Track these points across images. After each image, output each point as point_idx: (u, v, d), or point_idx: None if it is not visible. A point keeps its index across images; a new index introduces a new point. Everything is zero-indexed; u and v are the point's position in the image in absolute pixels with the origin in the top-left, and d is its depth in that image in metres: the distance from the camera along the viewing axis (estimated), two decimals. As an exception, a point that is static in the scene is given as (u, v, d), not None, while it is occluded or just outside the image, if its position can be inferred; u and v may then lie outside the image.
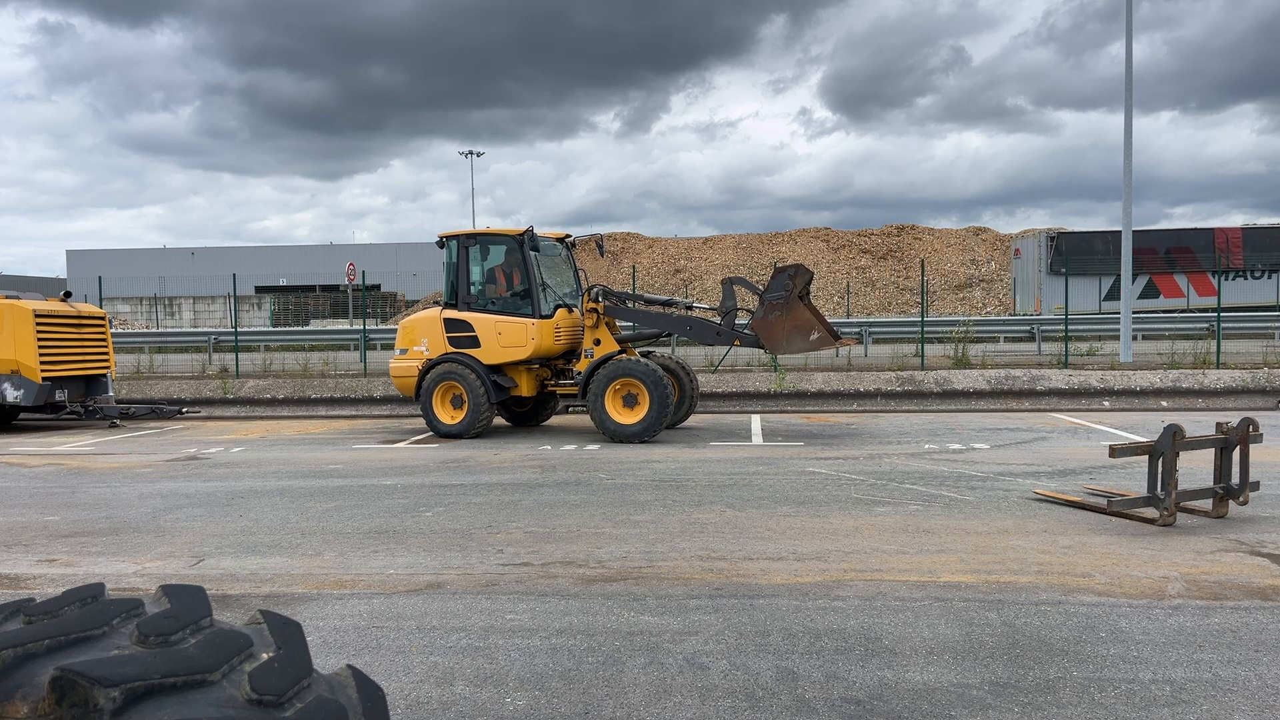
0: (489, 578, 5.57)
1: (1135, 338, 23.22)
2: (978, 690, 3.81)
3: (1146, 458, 6.65)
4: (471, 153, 73.95)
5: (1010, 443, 11.06)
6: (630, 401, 11.53)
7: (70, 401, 14.29)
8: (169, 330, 39.63)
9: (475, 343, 12.07)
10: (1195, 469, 8.06)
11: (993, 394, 15.26)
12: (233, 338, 23.96)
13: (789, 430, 12.61)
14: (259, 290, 54.19)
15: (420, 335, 12.48)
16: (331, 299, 49.46)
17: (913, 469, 9.25)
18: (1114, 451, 6.77)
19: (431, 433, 12.27)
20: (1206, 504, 6.89)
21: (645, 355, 12.45)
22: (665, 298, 12.86)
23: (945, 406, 15.10)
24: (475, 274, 12.47)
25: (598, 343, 12.05)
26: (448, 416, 12.18)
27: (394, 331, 31.08)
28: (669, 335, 13.16)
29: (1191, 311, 31.53)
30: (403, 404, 16.02)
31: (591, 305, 12.07)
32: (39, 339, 13.55)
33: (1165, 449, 6.47)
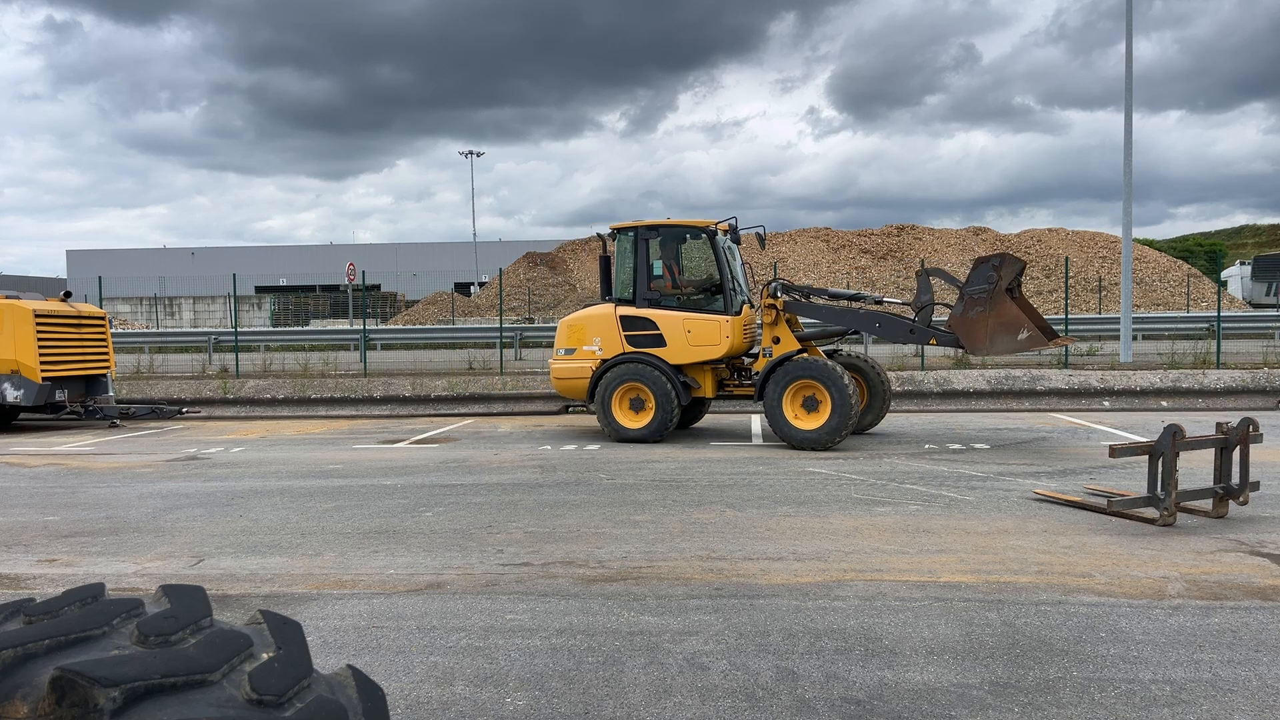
0: (489, 578, 5.57)
1: (1135, 338, 23.22)
2: (978, 690, 3.81)
3: (1146, 458, 6.65)
4: (471, 153, 74.23)
5: (1010, 443, 11.06)
6: (810, 405, 10.71)
7: (70, 401, 14.29)
8: (169, 330, 39.64)
9: (659, 341, 11.43)
10: (1195, 469, 8.06)
11: (993, 394, 15.25)
12: (233, 338, 23.97)
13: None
14: (259, 290, 54.22)
15: (591, 334, 11.77)
16: (331, 299, 49.46)
17: (913, 469, 9.25)
18: (1114, 451, 6.77)
19: (614, 438, 11.55)
20: (1206, 504, 6.89)
21: (830, 355, 11.68)
22: (852, 292, 12.09)
23: (945, 406, 15.10)
24: (656, 268, 11.73)
25: (776, 341, 11.31)
26: (629, 420, 11.53)
27: (394, 331, 31.32)
28: (855, 333, 12.18)
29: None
30: (402, 404, 16.02)
31: (770, 301, 11.36)
32: (39, 339, 13.54)
33: (1165, 449, 6.47)
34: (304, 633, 1.36)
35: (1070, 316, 19.20)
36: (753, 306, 12.21)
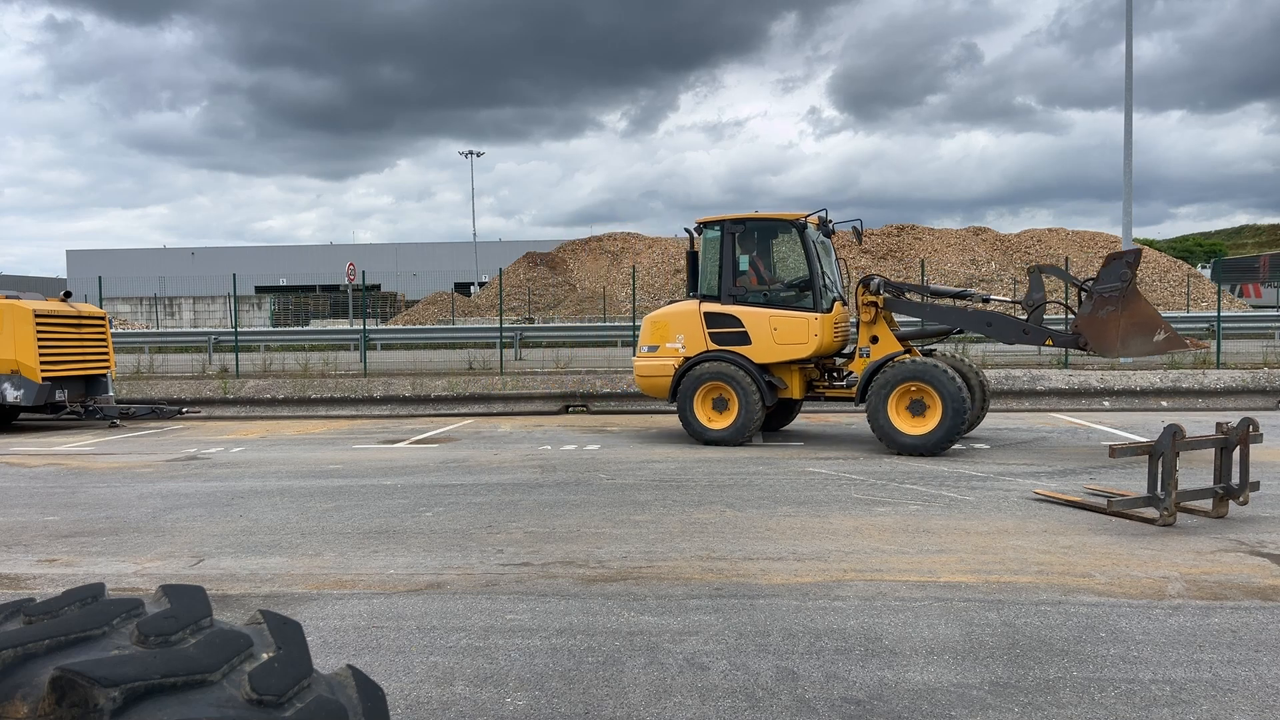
0: (489, 578, 5.57)
1: (1135, 338, 23.17)
2: (978, 690, 3.81)
3: (1146, 458, 6.65)
4: (471, 153, 74.69)
5: (1010, 443, 11.06)
6: (918, 409, 10.12)
7: (70, 401, 14.29)
8: (169, 330, 39.65)
9: (744, 339, 10.97)
10: (1195, 469, 8.06)
11: (993, 394, 15.25)
12: (233, 338, 23.97)
13: (789, 430, 12.60)
14: (259, 290, 54.24)
15: (674, 331, 11.36)
16: (331, 299, 49.48)
17: (913, 469, 9.25)
18: (1114, 451, 6.77)
19: (695, 439, 11.17)
20: (1206, 504, 6.89)
21: (927, 354, 10.94)
22: (956, 289, 11.44)
23: (945, 406, 15.06)
24: (743, 263, 11.29)
25: (874, 340, 10.77)
26: (710, 420, 11.08)
27: (394, 331, 31.31)
28: (960, 332, 11.56)
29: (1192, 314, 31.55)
30: (402, 404, 16.02)
31: (871, 298, 10.78)
32: (39, 339, 13.54)
33: (1165, 449, 6.47)
34: (304, 633, 1.36)
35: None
36: (845, 304, 11.73)
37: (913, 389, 10.16)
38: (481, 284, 57.67)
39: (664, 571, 5.63)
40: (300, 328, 37.43)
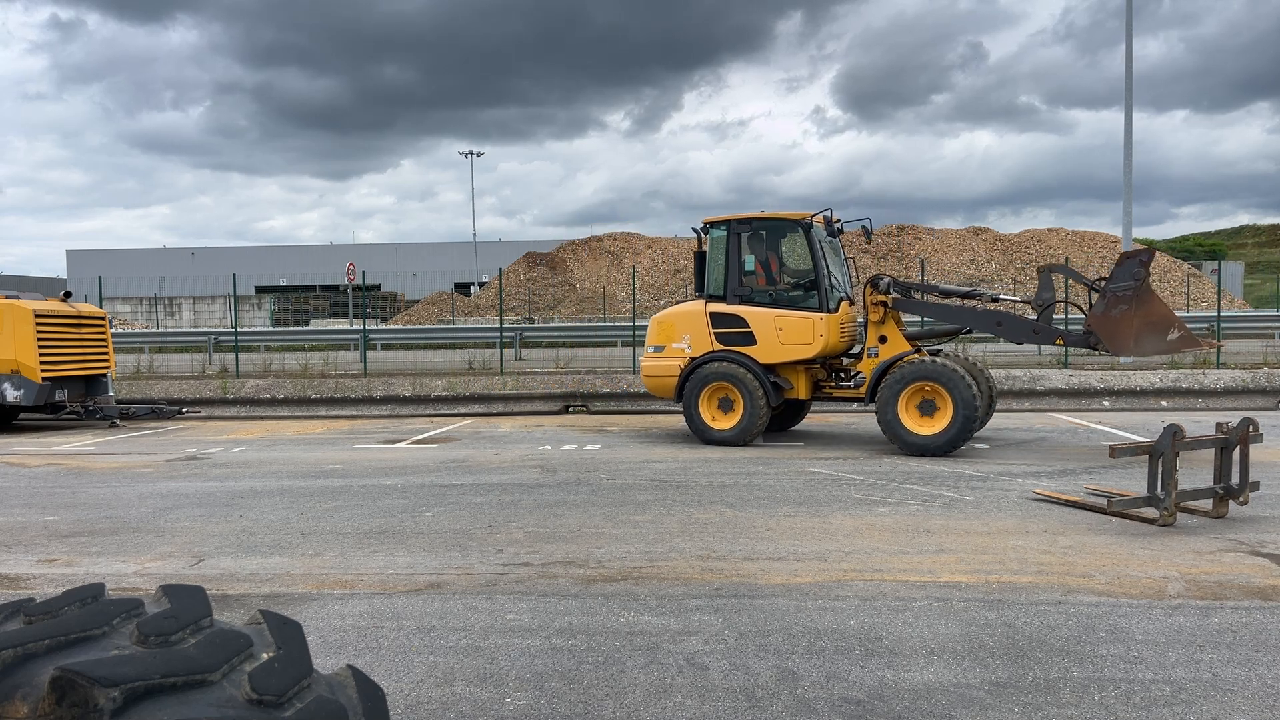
0: (489, 578, 5.58)
1: (1135, 338, 23.17)
2: (978, 690, 3.82)
3: (1146, 458, 6.65)
4: (471, 153, 74.74)
5: (1010, 443, 11.06)
6: (928, 409, 10.06)
7: (70, 401, 14.29)
8: (169, 330, 39.66)
9: (749, 339, 10.97)
10: (1195, 469, 8.06)
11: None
12: (233, 338, 23.97)
13: (791, 430, 12.60)
14: (259, 290, 54.24)
15: (680, 331, 11.40)
16: (331, 299, 49.48)
17: (913, 469, 9.25)
18: (1114, 451, 6.77)
19: (700, 440, 11.16)
20: (1206, 504, 6.89)
21: (934, 354, 10.68)
22: (966, 288, 11.40)
23: (945, 406, 15.06)
24: (749, 263, 11.28)
25: (883, 340, 10.82)
26: (716, 421, 11.09)
27: (394, 331, 31.32)
28: (969, 331, 11.53)
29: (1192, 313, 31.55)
30: (402, 404, 16.01)
31: (880, 297, 10.82)
32: (39, 339, 13.54)
33: (1165, 449, 6.47)
34: (304, 633, 1.36)
35: (1070, 316, 19.19)
36: (853, 304, 11.69)
37: (924, 389, 10.10)
38: (481, 284, 57.68)
39: (664, 571, 5.63)
40: (300, 328, 37.44)
